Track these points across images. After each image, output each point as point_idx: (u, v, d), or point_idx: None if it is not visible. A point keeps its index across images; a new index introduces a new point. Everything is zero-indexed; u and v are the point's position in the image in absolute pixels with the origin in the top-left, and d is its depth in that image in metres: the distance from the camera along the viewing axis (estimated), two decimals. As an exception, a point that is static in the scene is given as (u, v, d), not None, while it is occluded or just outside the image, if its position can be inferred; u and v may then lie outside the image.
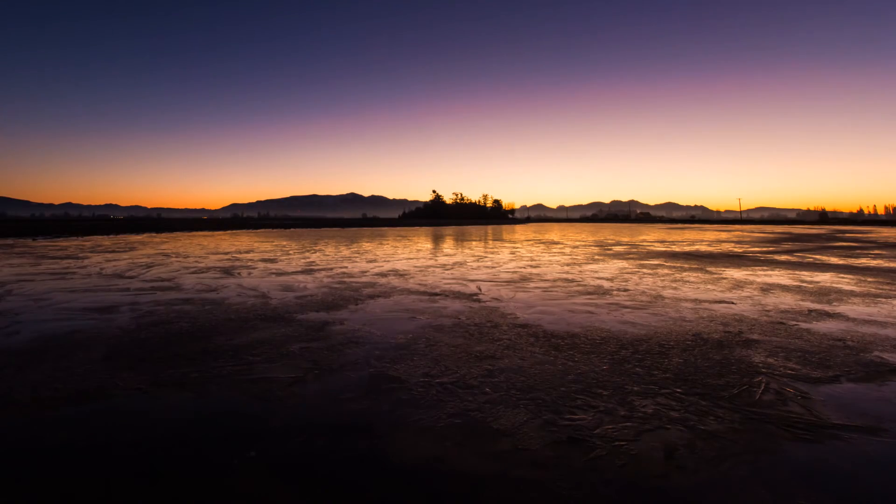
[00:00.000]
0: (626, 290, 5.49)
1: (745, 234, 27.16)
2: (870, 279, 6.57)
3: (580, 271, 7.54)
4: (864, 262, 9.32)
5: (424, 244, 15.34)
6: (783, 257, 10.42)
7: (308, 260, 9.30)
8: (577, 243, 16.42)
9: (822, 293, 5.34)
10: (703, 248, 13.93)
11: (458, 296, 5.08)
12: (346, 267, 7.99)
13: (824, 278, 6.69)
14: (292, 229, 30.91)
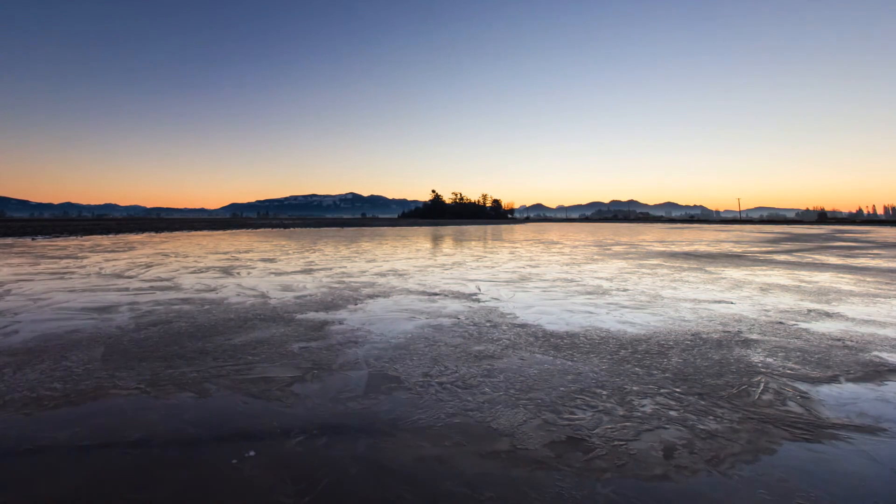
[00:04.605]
0: (625, 290, 5.49)
1: (745, 233, 27.18)
2: (869, 279, 6.58)
3: (579, 271, 7.54)
4: (863, 261, 9.33)
5: (424, 244, 15.34)
6: (782, 257, 10.43)
7: (307, 260, 9.29)
8: (577, 243, 16.42)
9: (822, 293, 5.34)
10: (703, 247, 13.94)
11: (458, 295, 5.07)
12: (345, 267, 7.99)
13: (823, 278, 6.70)
14: (291, 229, 30.90)
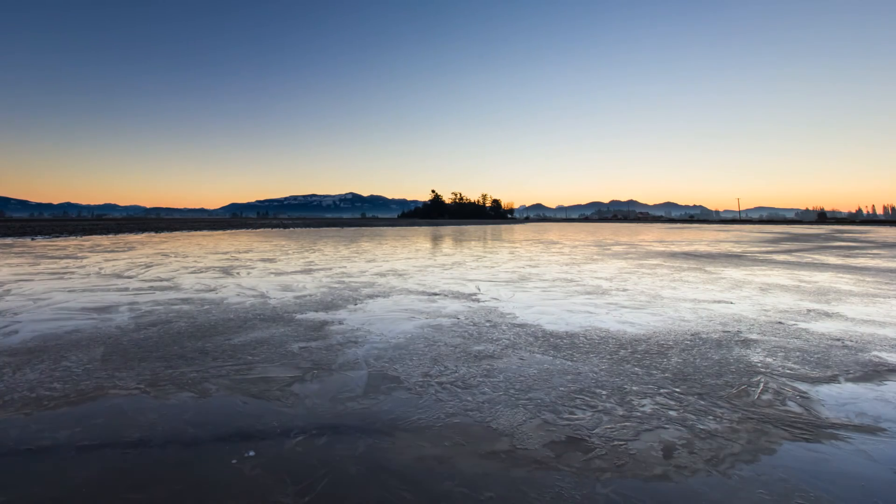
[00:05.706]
0: (624, 290, 5.49)
1: (744, 233, 27.19)
2: (868, 279, 6.59)
3: (579, 271, 7.54)
4: (862, 261, 9.33)
5: (423, 244, 15.34)
6: (782, 257, 10.43)
7: (307, 260, 9.29)
8: (576, 243, 16.42)
9: (821, 293, 5.34)
10: (702, 247, 13.94)
11: (457, 295, 5.07)
12: (345, 267, 7.99)
13: (823, 278, 6.70)
14: (291, 229, 30.89)
